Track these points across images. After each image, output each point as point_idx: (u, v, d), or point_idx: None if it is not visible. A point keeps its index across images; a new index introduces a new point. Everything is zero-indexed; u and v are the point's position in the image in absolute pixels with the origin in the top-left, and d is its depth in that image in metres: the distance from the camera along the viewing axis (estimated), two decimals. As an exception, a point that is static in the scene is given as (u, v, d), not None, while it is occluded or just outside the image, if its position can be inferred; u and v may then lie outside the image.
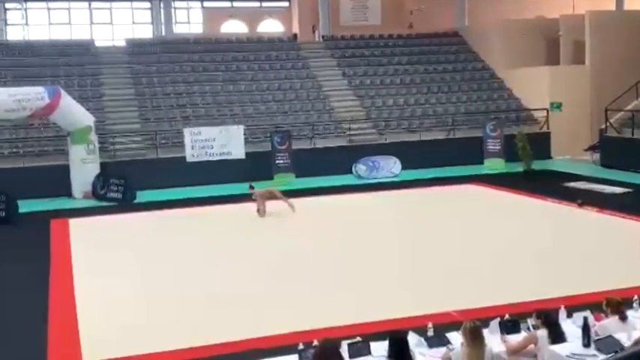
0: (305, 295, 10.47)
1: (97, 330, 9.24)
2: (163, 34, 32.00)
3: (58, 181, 20.28)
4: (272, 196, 17.04)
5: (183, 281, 11.48)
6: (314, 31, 32.25)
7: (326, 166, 22.84)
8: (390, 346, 6.13)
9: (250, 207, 17.01)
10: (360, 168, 22.95)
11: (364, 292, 10.42)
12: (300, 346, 6.51)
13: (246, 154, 22.21)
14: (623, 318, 6.78)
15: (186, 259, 13.01)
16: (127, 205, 19.26)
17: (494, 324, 6.99)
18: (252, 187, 17.10)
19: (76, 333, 9.12)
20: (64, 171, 20.61)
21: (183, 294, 10.75)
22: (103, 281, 11.69)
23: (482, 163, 23.84)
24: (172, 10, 33.13)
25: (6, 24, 32.38)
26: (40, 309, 10.13)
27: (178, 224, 16.57)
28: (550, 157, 25.16)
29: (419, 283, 10.92)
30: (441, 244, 13.47)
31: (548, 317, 6.73)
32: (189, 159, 21.98)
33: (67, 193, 20.57)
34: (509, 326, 6.96)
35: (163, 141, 23.05)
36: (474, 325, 6.28)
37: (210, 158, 22.05)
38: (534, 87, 26.46)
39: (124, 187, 19.90)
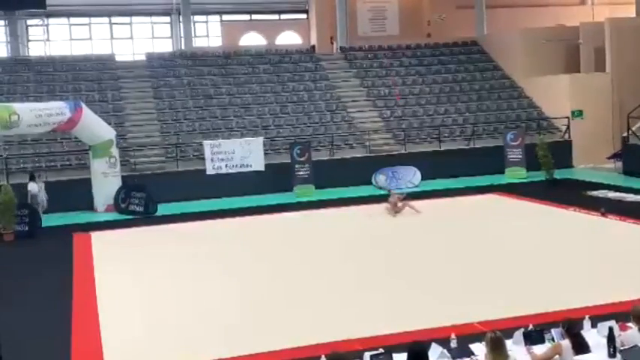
0: (328, 307, 10.42)
1: (120, 342, 9.29)
2: (183, 47, 32.26)
3: (80, 195, 20.45)
4: (395, 205, 17.79)
5: (205, 294, 11.50)
6: (332, 43, 32.32)
7: (345, 177, 22.83)
8: (409, 357, 6.10)
9: (268, 219, 17.03)
10: (380, 178, 22.89)
11: (388, 303, 10.37)
12: (323, 359, 6.49)
13: (266, 165, 22.26)
14: (648, 328, 6.68)
15: (207, 272, 13.04)
16: (148, 218, 19.37)
17: (519, 334, 6.94)
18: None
19: (99, 346, 9.16)
20: (86, 185, 20.76)
21: (205, 307, 10.76)
22: (126, 294, 11.77)
23: (503, 172, 23.66)
24: (191, 24, 33.42)
25: (28, 40, 32.84)
26: (64, 322, 10.18)
27: (199, 237, 16.62)
28: (572, 166, 24.94)
29: (442, 293, 10.84)
30: (465, 254, 13.38)
31: (572, 327, 6.66)
32: (209, 171, 22.05)
33: (90, 206, 20.73)
34: (534, 337, 6.91)
35: (184, 154, 23.18)
36: (495, 335, 6.24)
37: (230, 170, 22.12)
38: (555, 95, 26.29)
39: (145, 200, 20.01)
